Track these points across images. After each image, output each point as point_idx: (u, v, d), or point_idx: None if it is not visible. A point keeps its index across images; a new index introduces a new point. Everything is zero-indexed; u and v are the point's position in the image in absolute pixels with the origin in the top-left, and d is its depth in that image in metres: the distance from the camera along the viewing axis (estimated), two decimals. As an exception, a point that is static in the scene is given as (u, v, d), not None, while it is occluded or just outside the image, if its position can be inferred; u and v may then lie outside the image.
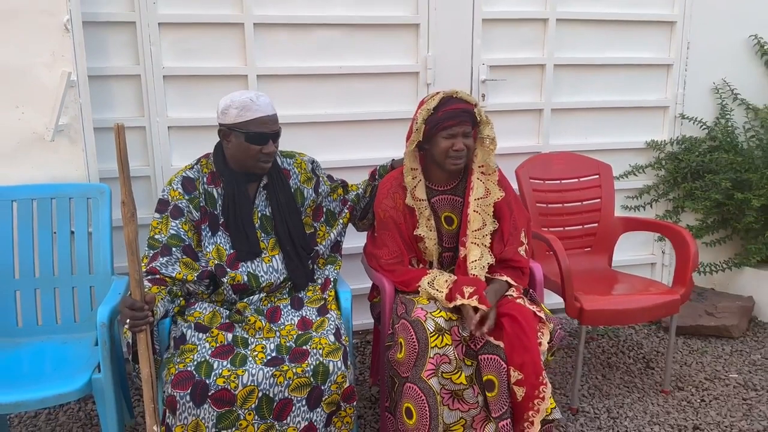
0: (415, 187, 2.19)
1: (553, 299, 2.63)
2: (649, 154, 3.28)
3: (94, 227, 2.23)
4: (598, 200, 2.83)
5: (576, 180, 2.84)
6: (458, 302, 1.96)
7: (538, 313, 2.02)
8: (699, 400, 2.56)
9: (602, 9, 3.06)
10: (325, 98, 2.82)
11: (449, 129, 2.06)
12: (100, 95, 2.50)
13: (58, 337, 2.15)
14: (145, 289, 1.77)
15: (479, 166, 2.17)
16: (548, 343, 2.00)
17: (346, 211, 2.28)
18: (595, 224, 2.83)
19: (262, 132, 1.96)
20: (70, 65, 2.25)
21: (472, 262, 2.10)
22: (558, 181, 2.84)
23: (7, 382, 1.86)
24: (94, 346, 2.05)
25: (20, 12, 2.18)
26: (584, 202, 2.83)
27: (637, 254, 3.33)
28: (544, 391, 1.92)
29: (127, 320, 1.64)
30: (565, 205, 2.83)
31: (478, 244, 2.12)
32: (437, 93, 2.12)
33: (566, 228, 2.82)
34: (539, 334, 1.98)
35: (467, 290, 1.98)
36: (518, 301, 2.05)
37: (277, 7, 2.67)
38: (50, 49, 2.22)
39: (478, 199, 2.15)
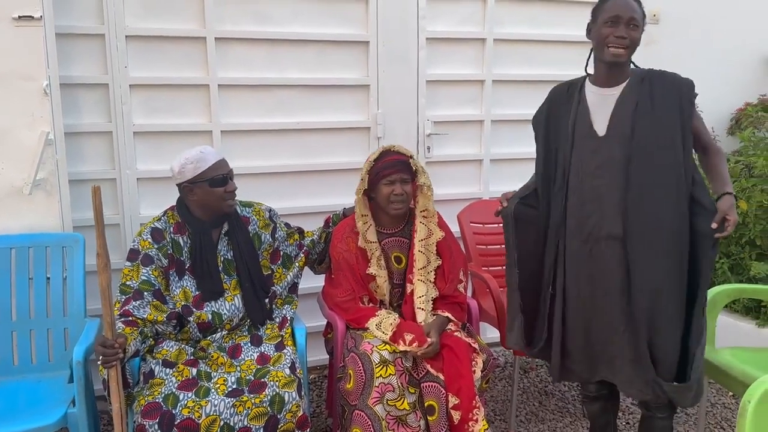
0: (366, 230, 2.45)
1: (494, 332, 2.89)
2: (579, 198, 3.61)
3: (68, 273, 2.42)
4: (532, 242, 3.13)
5: (512, 224, 3.14)
6: (401, 348, 2.21)
7: (472, 345, 2.29)
8: (624, 423, 2.83)
9: (533, 71, 3.42)
10: (283, 151, 3.07)
11: (388, 177, 2.35)
12: (74, 150, 2.69)
13: (33, 376, 2.30)
14: (119, 330, 1.99)
15: (421, 211, 2.45)
16: (482, 371, 2.27)
17: (302, 255, 2.52)
18: (530, 263, 3.12)
19: (221, 174, 2.21)
20: (48, 125, 2.45)
21: (419, 297, 2.37)
22: (496, 225, 3.12)
23: (-13, 417, 2.02)
24: (67, 383, 2.21)
25: (4, 77, 2.38)
26: (519, 244, 3.13)
27: (571, 290, 3.63)
28: (477, 414, 2.17)
29: (100, 356, 1.85)
30: (502, 246, 3.08)
31: (423, 281, 2.40)
32: (379, 149, 2.43)
33: (503, 267, 3.09)
34: (473, 363, 2.24)
35: (408, 337, 2.23)
36: (456, 334, 2.31)
37: (239, 70, 2.94)
38: (30, 111, 2.42)
39: (422, 240, 2.43)
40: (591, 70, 2.17)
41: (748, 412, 1.47)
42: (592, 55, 2.14)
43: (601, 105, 2.06)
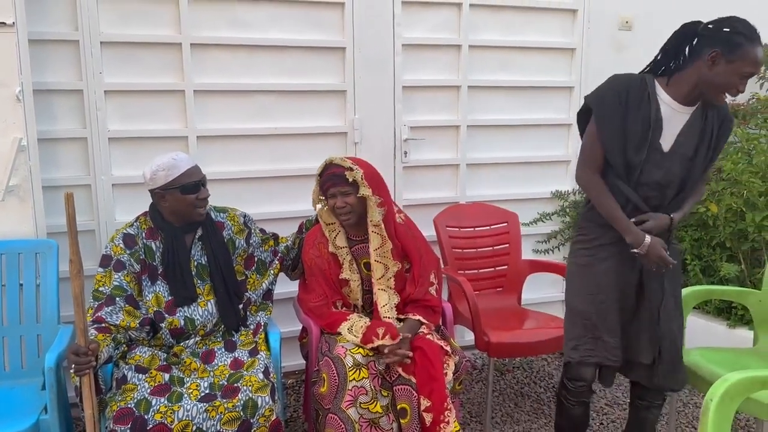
0: (335, 237, 2.47)
1: (470, 335, 2.92)
2: (554, 202, 3.65)
3: (41, 279, 2.40)
4: (507, 245, 3.18)
5: (487, 227, 3.19)
6: (375, 344, 2.23)
7: (444, 347, 2.31)
8: (598, 424, 2.87)
9: (508, 77, 3.46)
10: (260, 156, 3.08)
11: (329, 190, 2.38)
12: (48, 156, 2.68)
13: (6, 383, 2.29)
14: (92, 337, 1.98)
15: (370, 221, 2.45)
16: (454, 373, 2.29)
17: (277, 261, 2.53)
18: (505, 267, 3.16)
19: (193, 181, 2.22)
20: (20, 132, 2.44)
21: (383, 306, 2.38)
22: (471, 229, 3.17)
23: (-43, 425, 2.01)
24: (40, 390, 2.20)
25: (-25, 84, 2.38)
26: (495, 247, 3.17)
27: (546, 293, 3.66)
28: (449, 416, 2.18)
29: (73, 365, 1.85)
30: (478, 250, 3.16)
31: (384, 289, 2.41)
32: (323, 162, 2.43)
33: (479, 270, 3.15)
34: (445, 365, 2.27)
35: (380, 331, 2.26)
36: (428, 336, 2.33)
37: (216, 76, 2.95)
38: (3, 118, 2.41)
39: (377, 249, 2.44)
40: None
41: (710, 410, 1.51)
42: (682, 73, 2.04)
43: (671, 120, 2.06)
